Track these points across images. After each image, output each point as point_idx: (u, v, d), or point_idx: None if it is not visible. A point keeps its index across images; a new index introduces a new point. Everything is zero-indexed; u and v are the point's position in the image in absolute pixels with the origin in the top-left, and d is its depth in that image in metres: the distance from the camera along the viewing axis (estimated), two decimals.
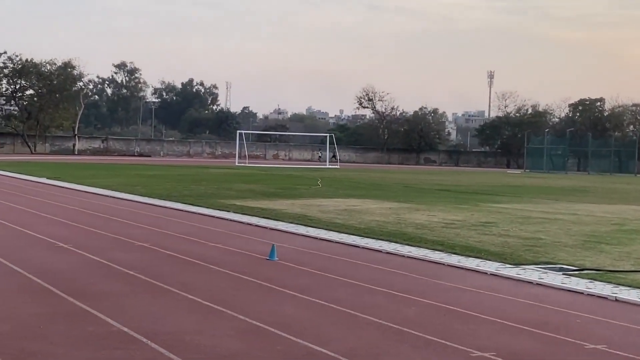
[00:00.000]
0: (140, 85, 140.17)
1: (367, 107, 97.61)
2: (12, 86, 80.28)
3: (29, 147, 76.42)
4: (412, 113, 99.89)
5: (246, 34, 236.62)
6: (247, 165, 57.36)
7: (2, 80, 77.76)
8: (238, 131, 69.84)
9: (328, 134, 74.20)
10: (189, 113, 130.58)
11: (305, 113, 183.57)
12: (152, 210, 17.35)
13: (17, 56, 78.76)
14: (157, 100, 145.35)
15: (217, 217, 16.08)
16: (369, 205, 19.84)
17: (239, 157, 65.22)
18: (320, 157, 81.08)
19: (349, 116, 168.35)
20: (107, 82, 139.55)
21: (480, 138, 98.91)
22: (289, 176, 39.54)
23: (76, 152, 79.11)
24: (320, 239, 12.94)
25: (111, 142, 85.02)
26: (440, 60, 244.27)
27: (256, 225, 14.73)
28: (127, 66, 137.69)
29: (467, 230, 14.47)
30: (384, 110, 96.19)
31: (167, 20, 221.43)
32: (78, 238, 12.01)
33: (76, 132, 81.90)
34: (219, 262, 9.99)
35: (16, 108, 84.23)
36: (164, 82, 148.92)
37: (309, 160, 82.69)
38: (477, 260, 10.81)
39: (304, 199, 21.66)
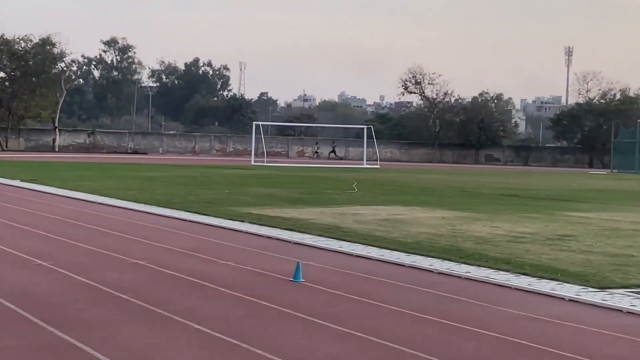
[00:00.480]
0: (134, 66, 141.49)
1: (414, 93, 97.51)
2: None
3: None
4: (470, 100, 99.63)
5: (263, 3, 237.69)
6: (265, 164, 57.53)
7: None
8: (254, 122, 70.06)
9: (365, 126, 74.16)
10: (194, 101, 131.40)
11: (337, 100, 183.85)
12: (150, 220, 17.47)
13: None
14: (154, 85, 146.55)
15: (229, 229, 16.15)
16: (416, 214, 19.79)
17: (256, 155, 65.44)
18: (317, 153, 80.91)
19: (391, 104, 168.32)
20: (94, 63, 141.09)
21: (556, 130, 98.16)
22: (317, 178, 39.58)
23: (57, 149, 79.89)
24: (357, 255, 12.94)
25: (99, 136, 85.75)
26: (505, 34, 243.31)
27: (277, 239, 14.76)
28: (118, 43, 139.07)
29: (540, 245, 14.37)
30: (434, 96, 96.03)
31: None
32: (60, 254, 12.14)
33: (56, 125, 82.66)
34: (231, 284, 10.04)
35: None
36: (163, 62, 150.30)
37: (341, 159, 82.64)
38: (552, 283, 10.73)
39: (336, 207, 21.66)
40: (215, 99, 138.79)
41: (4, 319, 7.90)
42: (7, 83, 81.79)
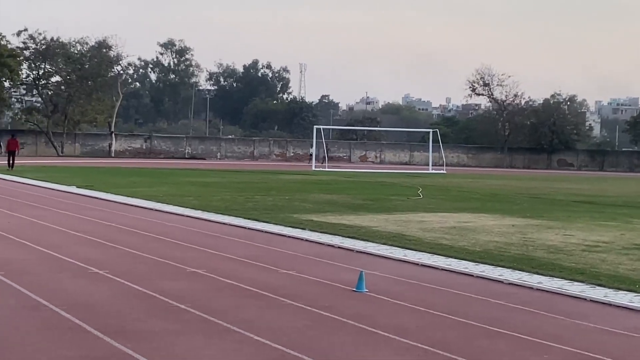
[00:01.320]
0: (191, 69, 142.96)
1: (482, 94, 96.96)
2: (34, 72, 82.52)
3: (55, 147, 78.68)
4: (541, 102, 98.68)
5: (323, 2, 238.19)
6: (326, 169, 57.64)
7: (22, 65, 79.96)
8: (315, 126, 70.31)
9: (431, 130, 73.96)
10: (253, 104, 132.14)
11: (401, 103, 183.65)
12: (208, 228, 17.62)
13: (40, 34, 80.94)
14: (212, 88, 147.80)
15: (290, 237, 16.21)
16: (485, 222, 19.65)
17: (317, 160, 65.59)
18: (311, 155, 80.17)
19: (457, 106, 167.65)
20: (150, 66, 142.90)
21: (633, 134, 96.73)
22: (380, 184, 39.54)
23: (113, 154, 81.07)
24: (422, 265, 12.89)
25: (156, 141, 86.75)
26: (578, 31, 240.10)
27: (339, 247, 14.78)
28: (175, 45, 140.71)
29: (616, 254, 14.17)
30: (504, 98, 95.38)
31: None
32: (116, 262, 12.31)
33: (112, 129, 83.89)
34: (292, 294, 10.06)
35: (39, 99, 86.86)
36: (221, 64, 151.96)
37: (406, 164, 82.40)
38: (630, 295, 10.57)
39: (400, 213, 21.62)
40: (274, 102, 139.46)
41: (61, 329, 8.02)
42: (62, 87, 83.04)
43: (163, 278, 11.05)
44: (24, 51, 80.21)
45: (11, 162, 44.21)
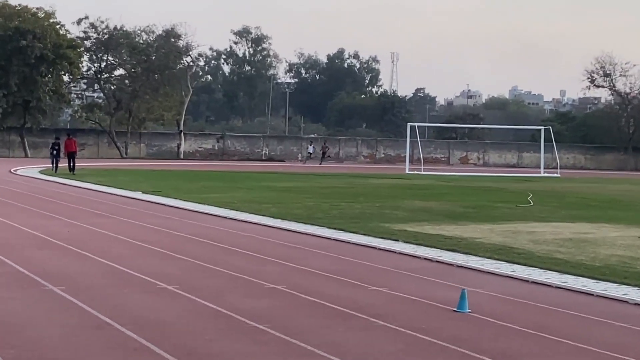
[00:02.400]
0: (269, 60, 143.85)
1: (602, 86, 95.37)
2: (95, 64, 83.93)
3: (118, 148, 79.95)
4: None
5: None
6: (422, 172, 57.43)
7: (83, 57, 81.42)
8: (409, 124, 70.09)
9: (542, 127, 73.04)
10: (338, 99, 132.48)
11: (507, 96, 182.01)
12: (288, 238, 17.72)
13: (102, 22, 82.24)
14: (292, 82, 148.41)
15: (380, 249, 16.21)
16: (606, 233, 19.37)
17: (411, 162, 65.40)
18: (311, 153, 79.20)
19: (573, 100, 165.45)
20: (223, 57, 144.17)
21: None
22: (484, 189, 39.23)
23: (181, 156, 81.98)
24: (533, 282, 12.79)
25: (229, 141, 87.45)
26: None
27: (437, 261, 14.73)
28: (251, 33, 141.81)
29: None
30: (628, 90, 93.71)
31: None
32: (186, 277, 12.47)
33: (181, 128, 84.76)
34: (384, 314, 10.07)
35: (101, 95, 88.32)
36: (302, 54, 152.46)
37: (513, 166, 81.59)
38: None
39: (507, 223, 21.44)
40: (362, 96, 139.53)
41: (126, 349, 8.16)
42: (126, 81, 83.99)
43: (238, 295, 11.16)
44: (85, 41, 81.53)
45: (71, 165, 44.89)
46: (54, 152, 46.60)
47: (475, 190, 38.43)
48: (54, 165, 45.75)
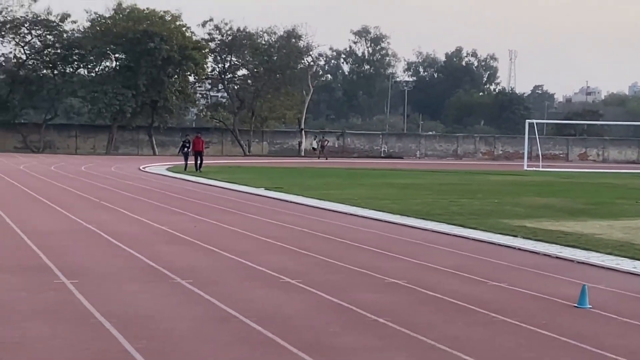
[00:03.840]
0: (388, 58, 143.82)
1: None
2: (219, 65, 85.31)
3: (242, 146, 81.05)
4: None
5: None
6: (540, 169, 56.69)
7: (208, 58, 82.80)
8: (527, 121, 69.24)
9: None
10: (456, 96, 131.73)
11: (627, 93, 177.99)
12: (407, 234, 17.70)
13: (226, 24, 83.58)
14: (411, 80, 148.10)
15: (499, 245, 16.08)
16: None
17: (529, 158, 64.65)
18: (315, 148, 76.98)
19: None
20: (343, 56, 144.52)
21: None
22: (604, 185, 38.54)
23: (302, 153, 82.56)
24: None
25: (349, 138, 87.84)
26: None
27: (557, 257, 14.54)
28: (370, 33, 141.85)
29: None
30: None
31: None
32: (309, 271, 12.55)
33: (302, 126, 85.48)
34: (503, 310, 9.97)
35: (225, 94, 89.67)
36: (420, 53, 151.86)
37: (634, 162, 79.67)
38: None
39: (628, 219, 21.04)
40: (480, 94, 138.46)
41: (252, 342, 8.25)
42: (249, 81, 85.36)
43: (360, 289, 11.18)
44: (209, 43, 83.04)
45: (199, 163, 45.49)
46: (185, 149, 47.25)
47: (594, 186, 37.77)
48: (186, 163, 46.40)
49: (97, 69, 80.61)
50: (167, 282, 11.42)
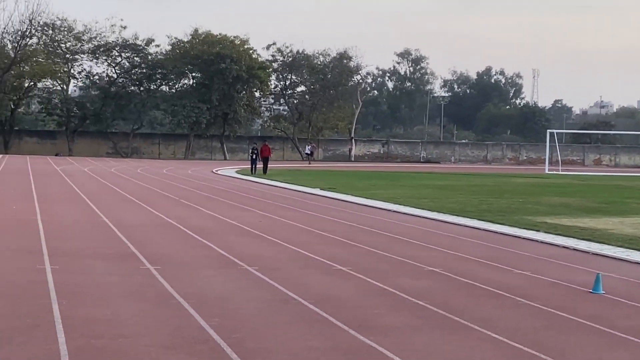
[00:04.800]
0: (426, 77, 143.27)
1: None
2: (281, 82, 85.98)
3: (300, 152, 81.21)
4: None
5: (555, 5, 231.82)
6: (559, 173, 56.13)
7: (271, 76, 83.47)
8: (548, 130, 68.58)
9: None
10: (486, 109, 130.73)
11: (636, 106, 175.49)
12: (443, 229, 17.63)
13: (287, 47, 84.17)
14: (446, 95, 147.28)
15: (523, 238, 15.97)
16: None
17: (550, 163, 64.07)
18: (308, 154, 74.74)
19: None
20: (388, 75, 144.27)
21: None
22: (615, 187, 38.04)
23: (352, 159, 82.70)
24: None
25: (392, 146, 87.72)
26: None
27: (574, 249, 14.41)
28: (411, 54, 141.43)
29: None
30: None
31: None
32: (357, 260, 12.56)
33: (352, 135, 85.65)
34: (527, 294, 9.89)
35: (286, 108, 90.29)
36: (455, 72, 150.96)
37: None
38: None
39: (637, 216, 20.79)
40: (507, 107, 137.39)
41: (309, 321, 8.28)
42: (307, 96, 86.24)
43: (402, 276, 11.16)
44: (273, 63, 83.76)
45: (265, 167, 45.55)
46: (253, 156, 46.91)
47: (607, 188, 37.31)
48: (253, 167, 46.03)
49: (176, 86, 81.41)
50: (236, 268, 11.48)
